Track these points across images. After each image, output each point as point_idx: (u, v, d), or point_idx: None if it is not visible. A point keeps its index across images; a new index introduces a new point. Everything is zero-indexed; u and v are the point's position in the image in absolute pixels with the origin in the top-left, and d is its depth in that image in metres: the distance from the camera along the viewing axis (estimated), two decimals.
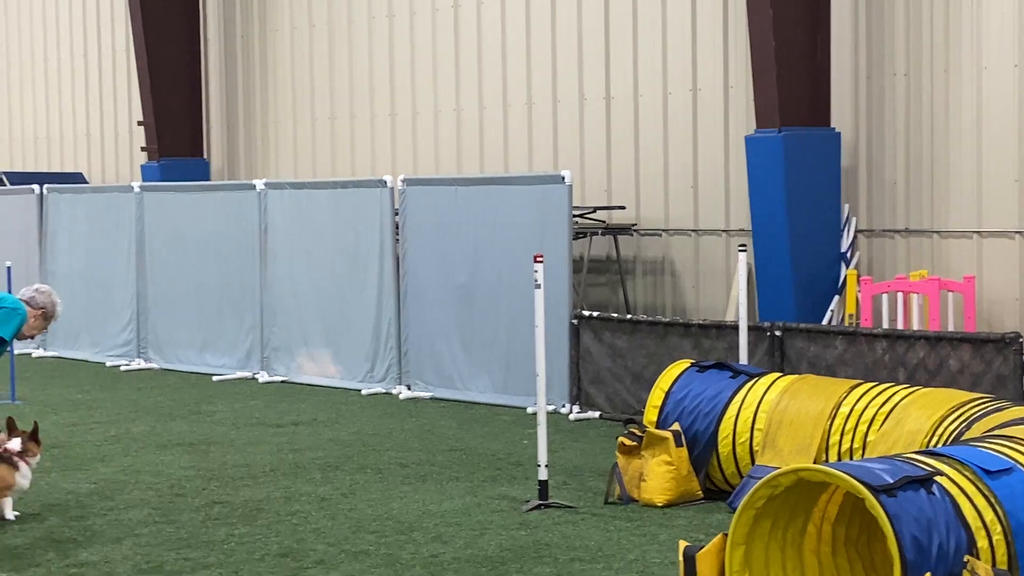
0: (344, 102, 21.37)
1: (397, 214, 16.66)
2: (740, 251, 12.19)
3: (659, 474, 10.44)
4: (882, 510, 6.61)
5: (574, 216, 15.77)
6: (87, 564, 9.08)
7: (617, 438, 10.91)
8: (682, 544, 7.62)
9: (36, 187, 21.23)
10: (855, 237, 15.48)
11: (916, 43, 15.10)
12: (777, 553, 7.30)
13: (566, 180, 15.05)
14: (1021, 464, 7.43)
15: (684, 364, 11.13)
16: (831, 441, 9.94)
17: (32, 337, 10.49)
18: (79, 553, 9.36)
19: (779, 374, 11.13)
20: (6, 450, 10.14)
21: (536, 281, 10.50)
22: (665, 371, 11.10)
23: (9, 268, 16.68)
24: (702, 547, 7.45)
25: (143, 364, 19.37)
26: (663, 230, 17.47)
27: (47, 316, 10.24)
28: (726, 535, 7.24)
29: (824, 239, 15.26)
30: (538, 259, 10.55)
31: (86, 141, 26.00)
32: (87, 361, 19.96)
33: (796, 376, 10.93)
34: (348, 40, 21.26)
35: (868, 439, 9.72)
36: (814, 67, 15.28)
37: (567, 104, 18.40)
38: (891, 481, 6.76)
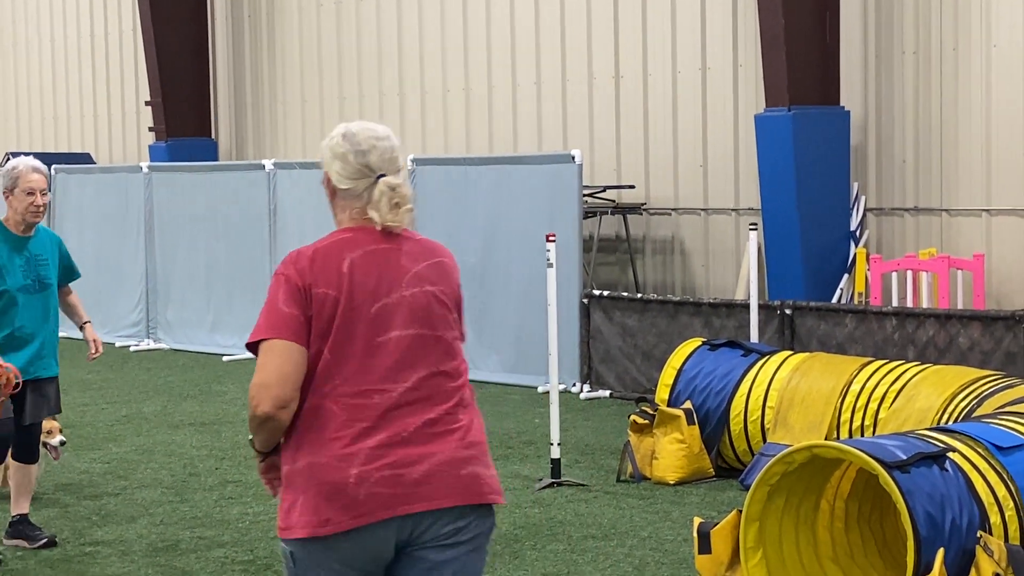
0: (352, 81, 21.36)
1: None
2: (751, 230, 12.22)
3: (671, 452, 10.48)
4: (895, 486, 6.64)
5: (583, 195, 15.77)
6: (102, 543, 9.13)
7: (629, 416, 10.95)
8: (696, 520, 7.66)
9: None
10: (864, 215, 15.48)
11: (925, 21, 15.09)
12: (791, 529, 7.33)
13: (576, 159, 15.05)
14: None
15: (695, 343, 11.16)
16: (842, 419, 9.97)
17: (36, 217, 8.86)
18: (94, 532, 9.41)
19: (790, 352, 11.15)
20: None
21: (548, 260, 10.53)
22: (676, 350, 11.14)
23: None
24: (716, 523, 7.50)
25: (153, 344, 19.41)
26: (672, 209, 17.47)
27: (11, 190, 8.87)
28: (740, 511, 7.28)
29: (833, 217, 15.26)
30: (550, 238, 10.58)
31: (93, 121, 26.02)
32: None
33: (807, 354, 10.96)
34: (356, 19, 21.25)
35: (879, 416, 9.75)
36: (823, 45, 15.26)
37: (576, 83, 18.39)
38: (904, 457, 6.79)
